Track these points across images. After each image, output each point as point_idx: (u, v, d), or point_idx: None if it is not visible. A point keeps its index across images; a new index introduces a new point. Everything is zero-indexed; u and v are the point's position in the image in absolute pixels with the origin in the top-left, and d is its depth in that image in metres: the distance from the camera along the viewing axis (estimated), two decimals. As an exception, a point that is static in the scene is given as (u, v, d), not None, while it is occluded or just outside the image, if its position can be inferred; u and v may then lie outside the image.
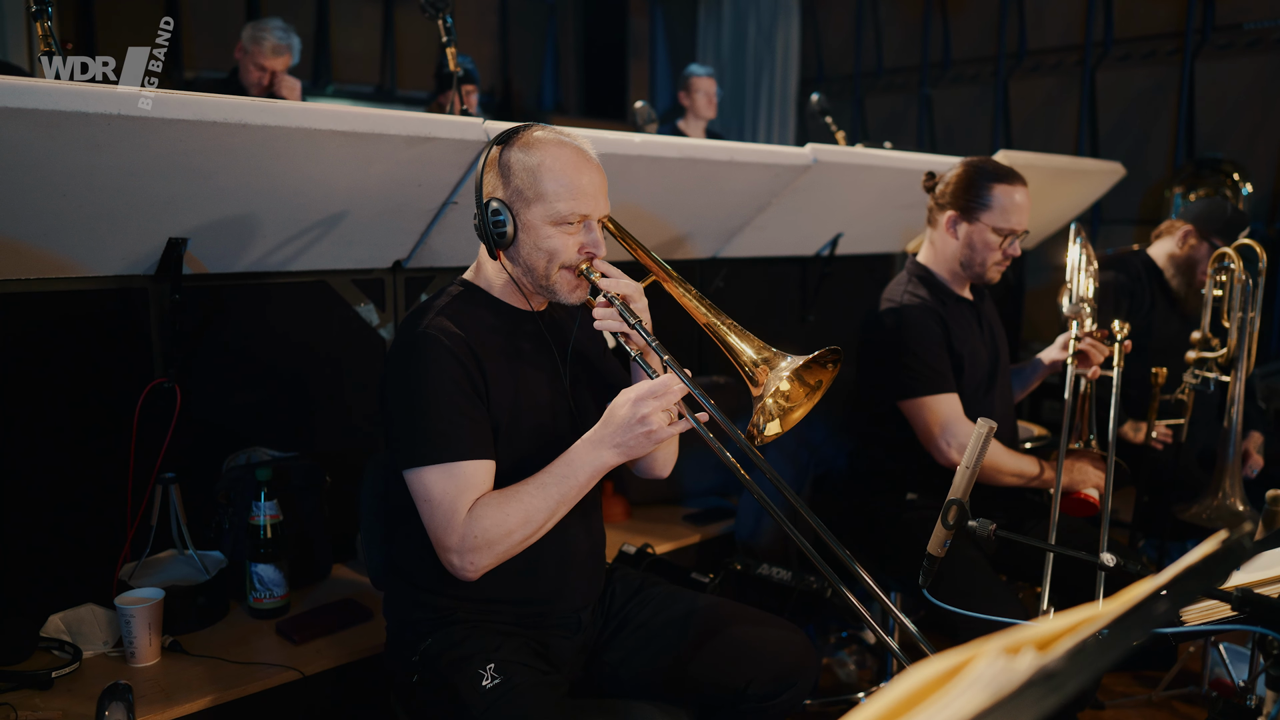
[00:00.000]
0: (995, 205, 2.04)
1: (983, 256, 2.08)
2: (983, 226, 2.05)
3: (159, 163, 1.55)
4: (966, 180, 2.07)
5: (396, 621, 1.51)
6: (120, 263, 1.81)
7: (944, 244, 2.13)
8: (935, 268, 2.18)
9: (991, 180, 2.04)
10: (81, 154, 1.46)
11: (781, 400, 1.38)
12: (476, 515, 1.31)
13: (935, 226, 2.16)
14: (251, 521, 1.86)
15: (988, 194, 2.04)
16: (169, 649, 1.73)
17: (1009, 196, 2.04)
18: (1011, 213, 2.04)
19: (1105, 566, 1.13)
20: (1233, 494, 2.33)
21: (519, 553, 1.35)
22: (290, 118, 1.58)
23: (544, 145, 1.40)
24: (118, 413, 1.86)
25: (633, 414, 1.28)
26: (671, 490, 2.70)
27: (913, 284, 2.15)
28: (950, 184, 2.10)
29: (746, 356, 1.34)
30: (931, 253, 2.19)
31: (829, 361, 1.35)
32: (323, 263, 2.09)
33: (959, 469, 1.25)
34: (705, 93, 4.49)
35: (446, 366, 1.35)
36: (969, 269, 2.11)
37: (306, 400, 2.20)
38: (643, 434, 1.28)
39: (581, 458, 1.33)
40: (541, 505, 1.32)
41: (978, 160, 2.11)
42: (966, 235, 2.08)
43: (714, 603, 1.57)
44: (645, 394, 1.28)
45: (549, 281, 1.42)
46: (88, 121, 1.40)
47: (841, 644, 2.73)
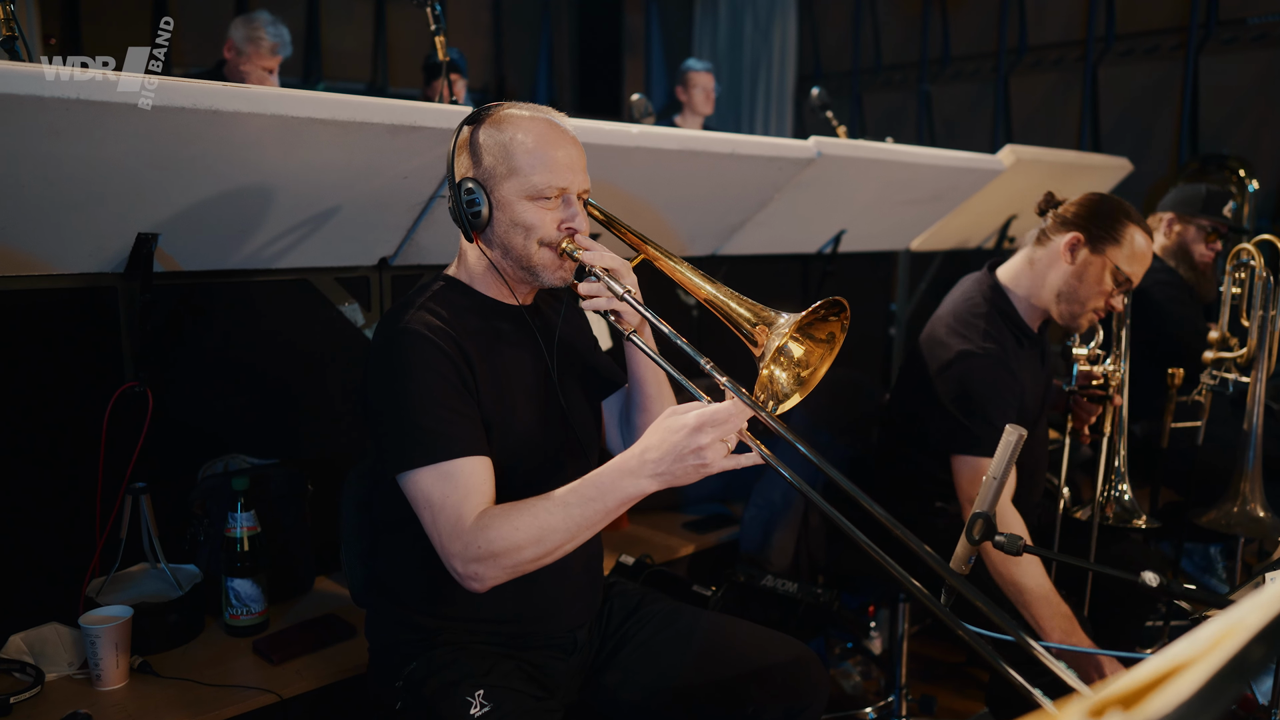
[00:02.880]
0: (1126, 245, 1.84)
1: (1088, 294, 1.87)
2: (1106, 261, 1.85)
3: (123, 152, 1.45)
4: (1102, 208, 1.88)
5: (379, 643, 1.41)
6: (87, 260, 1.70)
7: (1050, 267, 1.91)
8: (1019, 291, 1.96)
9: (1128, 218, 1.85)
10: (39, 142, 1.36)
11: (798, 369, 1.28)
12: (483, 524, 1.19)
13: (1044, 245, 1.93)
14: (227, 534, 1.76)
15: (1122, 230, 1.84)
16: (138, 670, 1.63)
17: (1142, 242, 1.85)
18: (1137, 261, 1.85)
19: (1148, 586, 1.04)
20: (1253, 499, 2.25)
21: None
22: (265, 104, 1.48)
23: (515, 120, 1.32)
24: (85, 419, 1.76)
25: (687, 443, 1.11)
26: (670, 496, 2.61)
27: (990, 321, 1.92)
28: (1081, 205, 1.90)
29: (745, 319, 1.25)
30: (1026, 273, 1.96)
31: (831, 314, 1.25)
32: (305, 260, 1.99)
33: (985, 479, 1.16)
34: (703, 88, 4.41)
35: (433, 362, 1.26)
36: (1065, 304, 1.90)
37: (288, 404, 2.10)
38: (694, 466, 1.11)
39: (614, 482, 1.16)
40: (560, 525, 1.17)
41: (1112, 196, 1.92)
42: (1084, 265, 1.87)
43: (719, 620, 1.48)
44: (706, 421, 1.10)
45: (529, 262, 1.33)
46: (44, 106, 1.29)
47: (846, 655, 2.64)
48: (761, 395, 1.25)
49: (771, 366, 1.24)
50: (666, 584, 2.04)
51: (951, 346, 1.91)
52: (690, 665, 1.41)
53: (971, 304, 1.96)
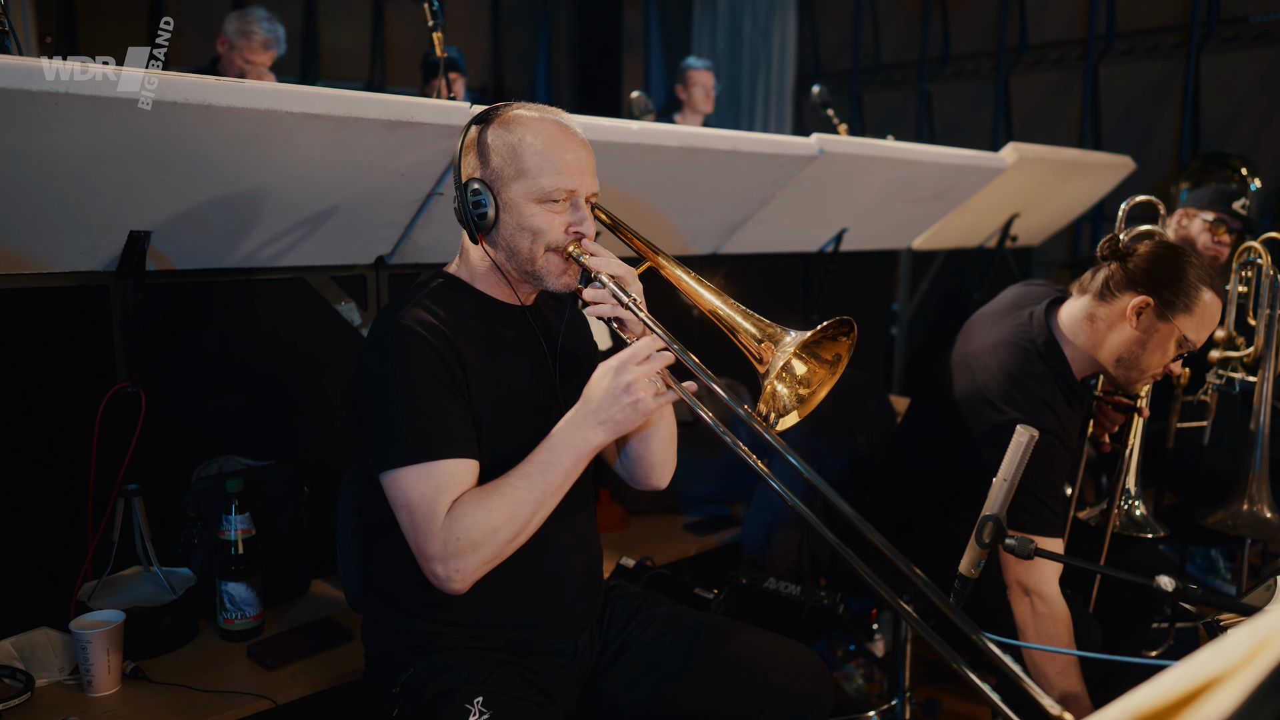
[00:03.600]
0: (1197, 313, 1.68)
1: (1150, 362, 1.72)
2: (1174, 330, 1.68)
3: (115, 148, 1.42)
4: (1177, 270, 1.69)
5: (375, 648, 1.38)
6: (78, 258, 1.67)
7: (1113, 329, 1.73)
8: (1077, 343, 1.78)
9: (1204, 283, 1.68)
10: (29, 137, 1.34)
11: (799, 386, 1.27)
12: (457, 515, 1.19)
13: (1109, 303, 1.74)
14: (221, 536, 1.73)
15: (1195, 297, 1.67)
16: (130, 676, 1.60)
17: (1214, 308, 1.69)
18: (1205, 328, 1.70)
19: (1163, 591, 1.01)
20: (1260, 500, 2.22)
21: (507, 559, 1.22)
22: (260, 99, 1.45)
23: (524, 121, 1.30)
24: (77, 420, 1.73)
25: (615, 383, 1.19)
26: (670, 498, 2.58)
27: (1047, 384, 1.75)
28: (1151, 263, 1.71)
29: (750, 335, 1.24)
30: (1086, 329, 1.77)
31: (839, 334, 1.24)
32: (301, 259, 1.97)
33: (996, 481, 1.14)
34: (703, 86, 4.38)
35: (424, 359, 1.24)
36: (1123, 369, 1.75)
37: (284, 405, 2.07)
38: (629, 404, 1.19)
39: (564, 440, 1.22)
40: (526, 497, 1.20)
41: (1186, 252, 1.73)
42: (1150, 331, 1.70)
43: (722, 623, 1.45)
44: (626, 360, 1.19)
45: (535, 266, 1.31)
46: (32, 100, 1.27)
47: (849, 657, 2.61)
48: (764, 409, 1.24)
49: (775, 383, 1.23)
50: (668, 587, 2.01)
51: (1006, 414, 1.75)
52: (693, 670, 1.39)
53: (1028, 361, 1.78)
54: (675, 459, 1.48)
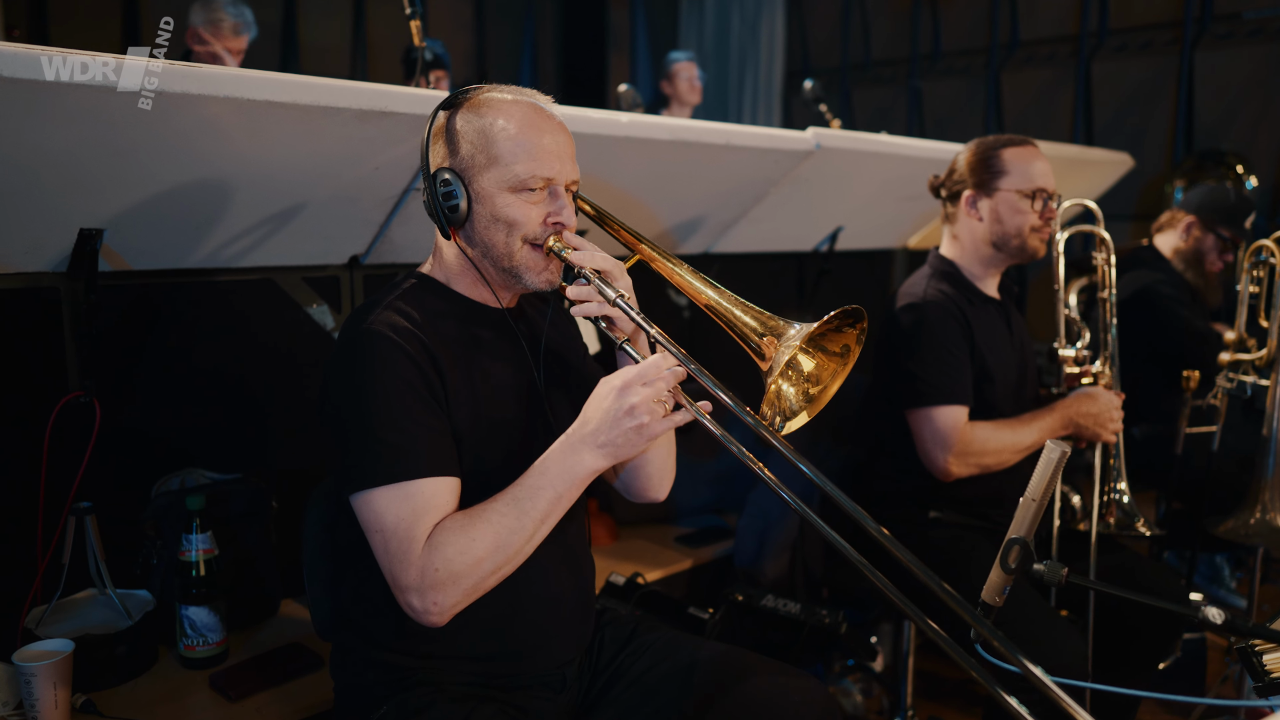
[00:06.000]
0: (1012, 169, 1.90)
1: (1016, 225, 1.90)
2: (1006, 194, 1.90)
3: (59, 137, 1.30)
4: (975, 157, 1.95)
5: (344, 684, 1.27)
6: (23, 257, 1.55)
7: (969, 230, 1.96)
8: (961, 261, 2.00)
9: (1001, 147, 1.92)
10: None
11: (807, 384, 1.18)
12: (437, 543, 1.08)
13: (955, 219, 1.99)
14: (181, 557, 1.61)
15: (999, 161, 1.91)
16: (81, 710, 1.47)
17: (1024, 157, 1.90)
18: (1033, 172, 1.89)
19: (1212, 623, 0.92)
20: (1273, 508, 2.14)
21: (490, 592, 1.12)
22: (219, 86, 1.34)
23: (496, 104, 1.20)
24: (25, 433, 1.61)
25: (618, 405, 1.07)
26: (662, 509, 2.48)
27: (935, 279, 1.95)
28: (960, 168, 1.97)
29: (751, 330, 1.14)
30: (956, 246, 2.01)
31: (847, 324, 1.15)
32: (269, 259, 1.85)
33: (1023, 501, 1.04)
34: (688, 77, 4.30)
35: (398, 367, 1.13)
36: (1005, 246, 1.93)
37: (251, 415, 1.95)
38: (632, 429, 1.07)
39: (558, 463, 1.11)
40: (514, 525, 1.09)
41: (976, 141, 1.98)
42: (991, 210, 1.92)
43: (720, 651, 1.35)
44: (632, 379, 1.08)
45: (512, 261, 1.20)
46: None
47: (846, 672, 2.52)
48: (769, 412, 1.14)
49: (780, 381, 1.12)
50: (660, 606, 1.91)
51: (895, 306, 1.95)
52: (691, 702, 1.28)
53: (918, 275, 2.01)
54: (674, 470, 1.38)
